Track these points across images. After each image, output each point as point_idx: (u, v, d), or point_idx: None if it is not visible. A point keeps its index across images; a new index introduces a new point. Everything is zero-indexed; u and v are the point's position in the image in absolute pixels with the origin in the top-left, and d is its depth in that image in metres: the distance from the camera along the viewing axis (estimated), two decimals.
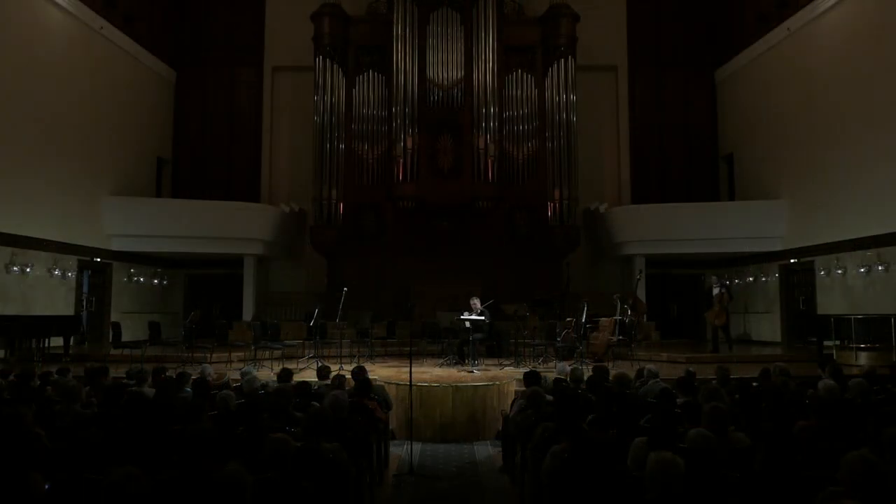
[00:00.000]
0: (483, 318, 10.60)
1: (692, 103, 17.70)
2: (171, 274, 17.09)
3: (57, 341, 11.82)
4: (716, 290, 12.45)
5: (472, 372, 9.73)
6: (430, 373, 9.67)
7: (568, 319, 11.71)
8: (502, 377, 9.10)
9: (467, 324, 10.44)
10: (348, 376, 6.87)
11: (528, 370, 7.47)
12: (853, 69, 12.44)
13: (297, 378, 6.99)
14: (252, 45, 17.62)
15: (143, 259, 15.82)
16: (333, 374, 6.87)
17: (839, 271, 12.74)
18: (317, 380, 7.10)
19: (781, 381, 6.03)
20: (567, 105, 15.37)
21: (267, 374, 8.78)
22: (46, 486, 2.76)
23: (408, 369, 7.62)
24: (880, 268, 11.70)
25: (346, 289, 11.48)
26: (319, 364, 8.31)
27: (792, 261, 14.44)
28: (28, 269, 12.06)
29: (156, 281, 16.48)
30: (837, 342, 11.29)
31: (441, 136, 15.10)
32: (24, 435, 3.79)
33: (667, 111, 17.67)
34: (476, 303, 10.83)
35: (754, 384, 6.59)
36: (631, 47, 17.57)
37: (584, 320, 10.90)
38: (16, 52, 11.93)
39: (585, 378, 6.65)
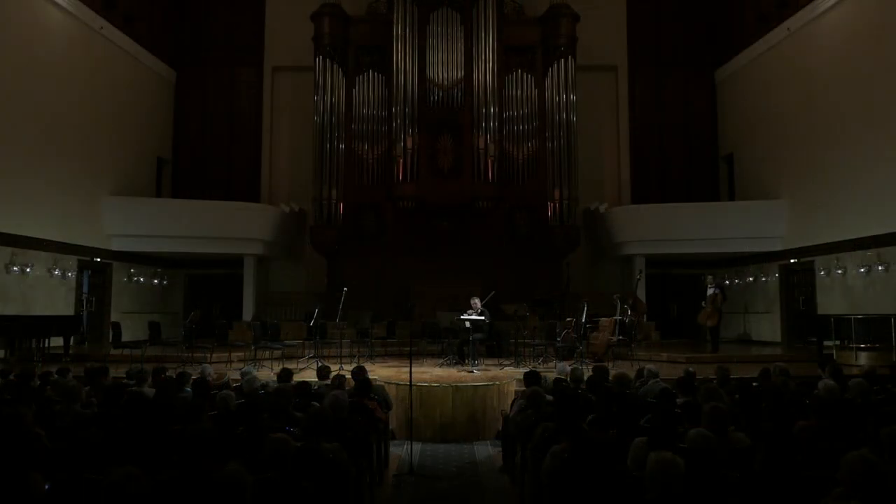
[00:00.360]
0: (483, 318, 10.59)
1: (692, 103, 17.70)
2: (171, 274, 17.09)
3: (57, 341, 11.82)
4: (710, 291, 12.43)
5: (472, 372, 9.73)
6: (430, 373, 9.67)
7: (568, 319, 11.71)
8: (502, 377, 9.09)
9: (467, 324, 10.43)
10: (348, 376, 6.86)
11: (528, 370, 7.47)
12: (853, 69, 12.44)
13: (297, 378, 6.99)
14: (252, 45, 17.62)
15: (143, 259, 15.82)
16: (333, 374, 6.87)
17: (839, 271, 12.74)
18: (317, 380, 7.10)
19: (781, 381, 6.04)
20: (567, 105, 15.37)
21: (267, 374, 8.78)
22: (46, 486, 2.76)
23: (408, 369, 7.61)
24: (880, 268, 11.69)
25: (346, 289, 11.47)
26: (319, 364, 8.31)
27: (792, 261, 14.44)
28: (28, 269, 12.05)
29: (156, 281, 16.48)
30: (837, 342, 11.29)
31: (441, 136, 15.10)
32: (24, 435, 3.78)
33: (667, 111, 17.67)
34: (476, 302, 10.80)
35: (754, 384, 6.59)
36: (631, 47, 17.57)
37: (584, 320, 10.90)
38: (16, 52, 11.92)
39: (585, 378, 6.65)
